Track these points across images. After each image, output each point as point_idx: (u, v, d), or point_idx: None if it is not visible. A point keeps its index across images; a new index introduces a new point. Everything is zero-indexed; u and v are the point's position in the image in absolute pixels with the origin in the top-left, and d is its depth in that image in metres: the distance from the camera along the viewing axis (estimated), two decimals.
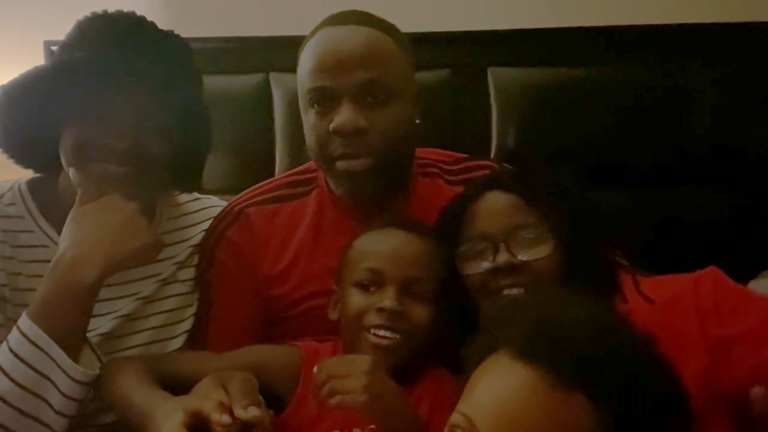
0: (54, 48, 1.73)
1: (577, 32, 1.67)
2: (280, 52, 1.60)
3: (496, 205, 0.91)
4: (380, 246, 0.93)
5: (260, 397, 0.81)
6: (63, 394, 0.85)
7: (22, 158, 1.04)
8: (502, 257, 0.87)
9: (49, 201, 1.03)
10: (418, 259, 0.91)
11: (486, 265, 0.88)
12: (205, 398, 0.78)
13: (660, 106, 1.65)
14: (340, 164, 1.00)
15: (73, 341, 0.86)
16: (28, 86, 0.95)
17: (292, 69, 1.09)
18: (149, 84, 0.95)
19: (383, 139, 0.98)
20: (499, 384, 0.60)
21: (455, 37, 1.65)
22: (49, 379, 0.84)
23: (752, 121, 1.63)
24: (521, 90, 1.64)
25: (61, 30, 1.79)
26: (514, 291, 0.86)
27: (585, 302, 0.66)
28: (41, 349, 0.84)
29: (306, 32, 1.09)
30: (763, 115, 1.62)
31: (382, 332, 0.88)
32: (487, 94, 1.65)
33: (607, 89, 1.64)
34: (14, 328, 0.86)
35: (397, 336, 0.88)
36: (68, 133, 0.96)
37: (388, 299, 0.88)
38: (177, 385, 0.85)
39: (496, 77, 1.66)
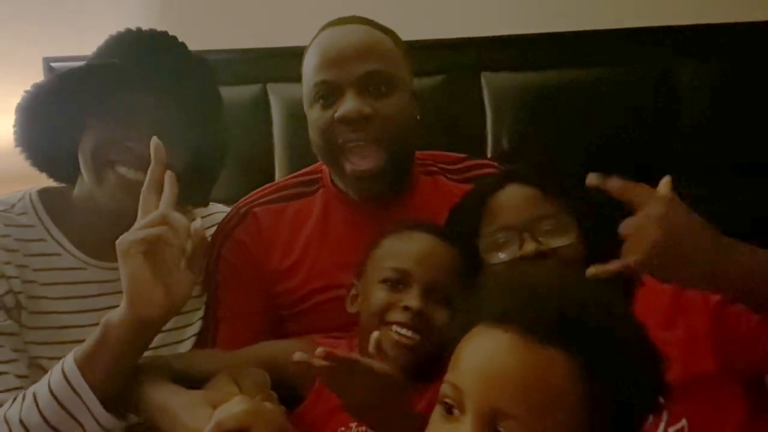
0: (53, 65, 1.75)
1: (569, 36, 1.69)
2: (278, 63, 1.63)
3: (516, 198, 0.93)
4: (409, 247, 0.95)
5: (273, 393, 0.83)
6: None
7: (41, 161, 1.06)
8: (530, 246, 0.89)
9: (60, 210, 1.05)
10: (443, 264, 0.93)
11: (512, 253, 0.90)
12: (225, 394, 0.79)
13: (651, 107, 1.67)
14: (348, 165, 1.03)
15: (110, 390, 0.86)
16: (57, 87, 0.98)
17: (291, 80, 1.12)
18: (174, 94, 0.98)
19: (388, 126, 1.02)
20: (480, 350, 0.63)
21: (448, 44, 1.68)
22: (77, 421, 0.84)
23: (741, 120, 1.65)
24: (515, 94, 1.66)
25: (60, 47, 1.82)
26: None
27: (562, 271, 0.71)
28: (77, 393, 0.84)
29: (304, 43, 1.12)
30: (755, 116, 1.64)
31: (404, 330, 0.89)
32: (482, 99, 1.67)
33: (599, 91, 1.66)
34: (58, 364, 0.86)
35: (418, 336, 0.89)
36: (90, 135, 0.99)
37: (414, 299, 0.90)
38: (190, 384, 0.86)
39: (489, 82, 1.68)
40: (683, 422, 0.81)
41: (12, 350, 0.94)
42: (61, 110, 0.99)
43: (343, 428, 0.86)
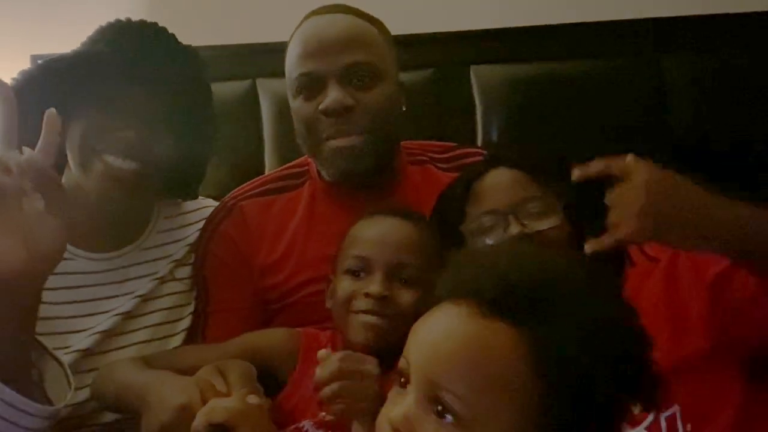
0: (40, 62, 1.74)
1: (557, 29, 1.70)
2: (267, 58, 1.61)
3: (501, 181, 0.93)
4: (368, 233, 0.94)
5: (259, 386, 0.83)
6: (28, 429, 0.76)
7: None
8: (514, 229, 0.88)
9: None
10: (405, 245, 0.92)
11: (498, 237, 0.89)
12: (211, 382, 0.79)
13: (640, 100, 1.68)
14: (331, 143, 1.02)
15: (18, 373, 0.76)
16: (43, 75, 0.97)
17: (279, 75, 1.12)
18: (162, 85, 0.98)
19: (371, 116, 1.01)
20: (427, 323, 0.62)
21: (437, 38, 1.68)
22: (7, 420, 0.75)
23: (732, 114, 1.66)
24: (504, 87, 1.66)
25: (47, 44, 1.81)
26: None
27: (538, 249, 0.69)
28: None
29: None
30: (743, 108, 1.66)
31: (367, 317, 0.89)
32: (471, 92, 1.67)
33: (588, 84, 1.66)
34: None
35: (384, 321, 0.89)
36: (76, 124, 0.98)
37: (375, 284, 0.89)
38: None
39: (478, 75, 1.68)
40: (675, 408, 0.80)
41: None
42: (47, 99, 0.98)
43: (323, 413, 0.85)
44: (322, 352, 0.80)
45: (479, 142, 1.66)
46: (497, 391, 0.57)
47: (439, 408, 0.58)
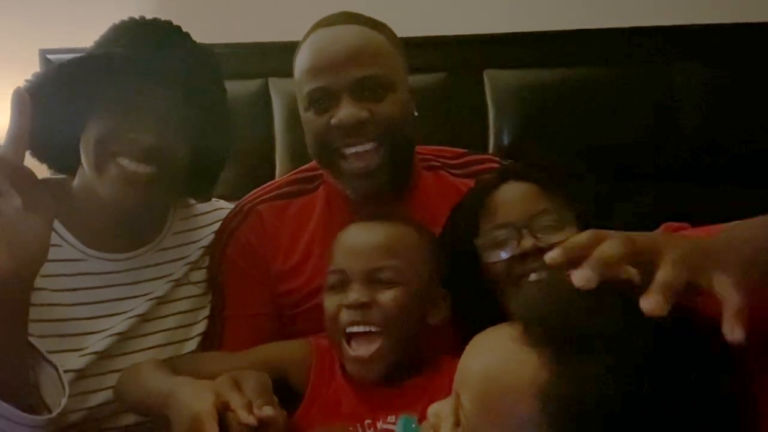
0: (50, 57, 1.74)
1: (570, 34, 1.70)
2: (279, 57, 1.59)
3: (514, 195, 0.92)
4: (343, 244, 0.93)
5: (274, 397, 0.81)
6: None
7: (42, 151, 1.04)
8: (528, 242, 0.87)
9: (59, 201, 1.00)
10: (380, 248, 0.90)
11: (512, 251, 0.88)
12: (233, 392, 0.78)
13: (651, 106, 1.67)
14: (346, 165, 1.01)
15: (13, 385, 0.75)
16: (59, 76, 0.96)
17: (291, 74, 1.10)
18: (179, 86, 0.96)
19: (385, 125, 1.00)
20: (478, 336, 0.64)
21: (451, 41, 1.68)
22: None
23: (739, 121, 1.65)
24: (517, 91, 1.66)
25: (57, 39, 1.81)
26: (542, 275, 0.85)
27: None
28: None
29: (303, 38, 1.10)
30: (750, 115, 1.65)
31: (355, 328, 0.87)
32: (484, 96, 1.67)
33: (599, 89, 1.66)
34: None
35: (372, 329, 0.87)
36: (93, 125, 0.97)
37: (352, 293, 0.88)
38: None
39: (491, 79, 1.68)
40: None
41: None
42: (62, 100, 0.97)
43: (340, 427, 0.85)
44: None
45: (491, 146, 1.66)
46: (499, 423, 0.57)
47: (456, 421, 0.61)
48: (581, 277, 0.56)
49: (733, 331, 0.55)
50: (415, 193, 1.11)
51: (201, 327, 1.08)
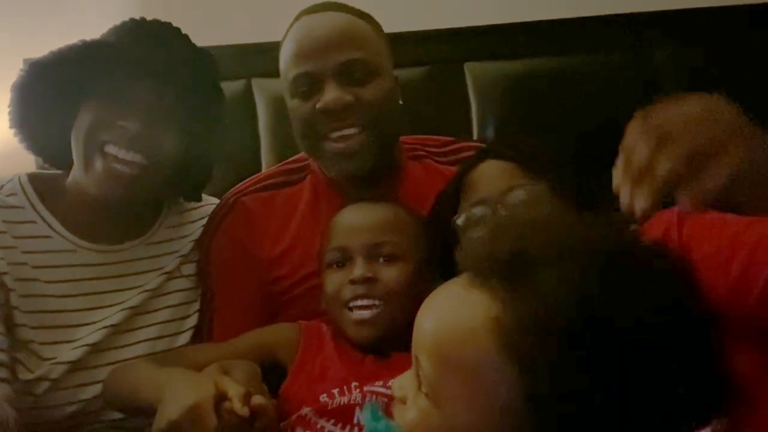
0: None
1: (550, 24, 1.71)
2: (262, 58, 1.62)
3: (490, 172, 0.93)
4: (342, 223, 0.95)
5: (264, 386, 0.83)
6: None
7: (35, 143, 1.04)
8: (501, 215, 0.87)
9: (51, 193, 1.03)
10: (379, 225, 0.93)
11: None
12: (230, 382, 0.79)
13: (633, 93, 1.68)
14: (331, 144, 1.02)
15: None
16: (54, 63, 0.96)
17: (275, 74, 1.11)
18: (172, 81, 0.97)
19: (370, 111, 1.01)
20: (429, 298, 0.62)
21: (431, 35, 1.69)
22: None
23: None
24: (498, 83, 1.67)
25: (41, 48, 1.80)
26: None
27: (532, 212, 0.64)
28: None
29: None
30: (732, 99, 1.66)
31: (359, 302, 0.89)
32: (465, 89, 1.68)
33: (581, 78, 1.67)
34: None
35: (375, 302, 0.89)
36: (84, 115, 0.97)
37: (356, 269, 0.90)
38: None
39: (472, 72, 1.69)
40: None
41: None
42: (55, 90, 0.98)
43: (325, 395, 0.86)
44: None
45: (475, 137, 1.67)
46: (460, 374, 0.55)
47: (418, 384, 0.58)
48: (640, 208, 0.53)
49: (683, 201, 0.53)
50: (401, 182, 1.12)
51: (193, 320, 1.08)
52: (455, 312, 0.57)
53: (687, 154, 0.54)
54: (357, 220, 0.94)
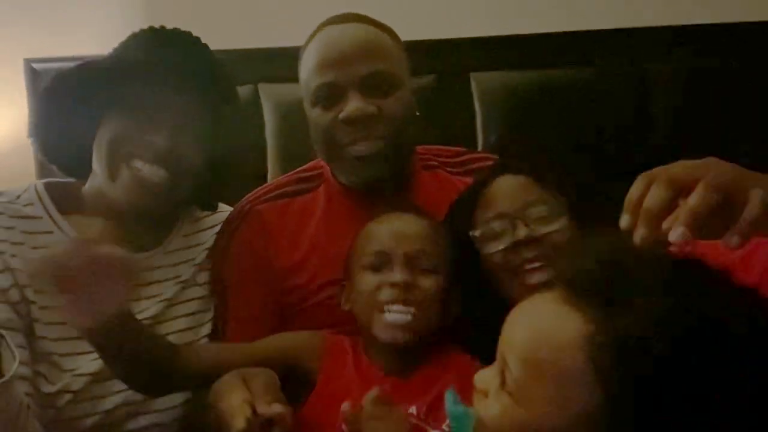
0: (35, 66, 1.73)
1: (554, 37, 1.72)
2: (269, 63, 1.62)
3: (508, 187, 0.95)
4: (383, 229, 0.96)
5: (282, 394, 0.82)
6: None
7: (55, 153, 1.04)
8: (522, 232, 0.90)
9: (68, 202, 1.03)
10: (419, 235, 0.94)
11: (506, 241, 0.91)
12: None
13: (635, 105, 1.70)
14: (351, 150, 1.02)
15: None
16: (78, 77, 0.96)
17: (282, 80, 1.12)
18: (196, 93, 0.97)
19: (392, 123, 1.02)
20: (522, 304, 0.67)
21: (439, 45, 1.70)
22: None
23: (713, 120, 1.68)
24: (504, 94, 1.69)
25: (41, 48, 1.79)
26: (536, 265, 0.89)
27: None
28: None
29: (294, 43, 1.12)
30: (724, 114, 1.68)
31: (395, 307, 0.90)
32: (471, 99, 1.69)
33: (583, 89, 1.69)
34: None
35: (411, 309, 0.90)
36: (107, 127, 0.97)
37: (398, 274, 0.91)
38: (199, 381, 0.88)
39: (479, 82, 1.70)
40: None
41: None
42: (78, 101, 0.97)
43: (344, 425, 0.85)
44: (345, 407, 0.78)
45: (480, 147, 1.68)
46: (548, 381, 0.60)
47: (502, 381, 0.64)
48: (636, 237, 0.58)
49: (732, 237, 0.56)
50: (413, 191, 1.12)
51: (208, 328, 1.08)
52: (550, 325, 0.62)
53: (714, 186, 0.57)
54: (400, 228, 0.95)
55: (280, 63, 1.13)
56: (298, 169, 1.19)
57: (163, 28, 1.01)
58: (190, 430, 0.97)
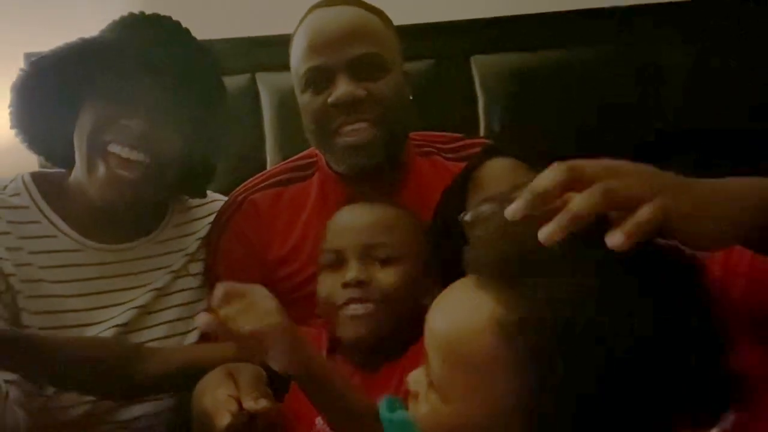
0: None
1: (555, 16, 1.70)
2: (267, 51, 1.61)
3: (497, 170, 0.93)
4: (335, 225, 0.94)
5: (268, 389, 0.82)
6: None
7: (38, 142, 1.03)
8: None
9: (55, 192, 1.02)
10: (374, 226, 0.91)
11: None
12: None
13: (637, 85, 1.68)
14: (342, 138, 1.01)
15: None
16: (54, 62, 0.95)
17: (279, 68, 1.11)
18: (174, 77, 0.96)
19: (381, 106, 1.01)
20: (438, 298, 0.63)
21: (437, 28, 1.67)
22: None
23: (724, 98, 1.66)
24: (505, 76, 1.67)
25: (42, 42, 1.79)
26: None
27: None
28: None
29: (291, 31, 1.10)
30: (734, 92, 1.66)
31: (352, 306, 0.87)
32: (472, 82, 1.67)
33: (587, 70, 1.67)
34: None
35: (370, 306, 0.87)
36: (86, 114, 0.96)
37: (350, 271, 0.88)
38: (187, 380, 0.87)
39: (479, 65, 1.68)
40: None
41: None
42: (55, 89, 0.97)
43: (319, 420, 0.85)
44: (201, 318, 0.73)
45: (482, 132, 1.66)
46: (466, 373, 0.57)
47: (430, 380, 0.60)
48: (544, 234, 0.53)
49: (614, 235, 0.52)
50: (409, 179, 1.11)
51: None
52: (463, 312, 0.59)
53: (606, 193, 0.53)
54: (351, 221, 0.93)
55: (277, 51, 1.12)
56: (293, 157, 1.19)
57: (142, 14, 1.00)
58: (182, 419, 0.97)
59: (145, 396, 0.98)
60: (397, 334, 0.89)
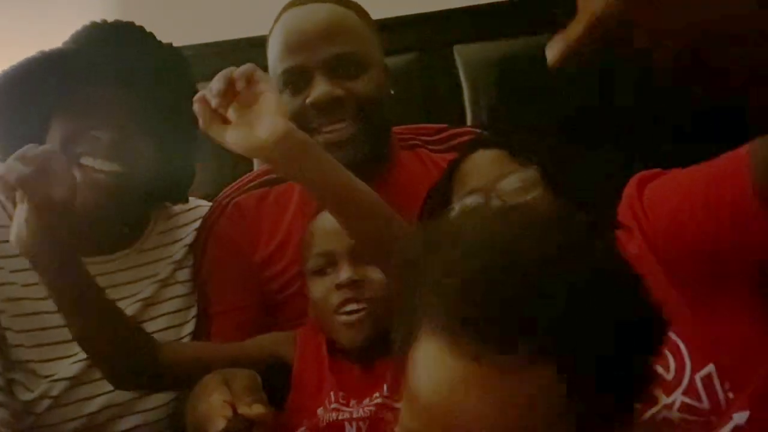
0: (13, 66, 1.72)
1: (538, 1, 1.69)
2: (249, 53, 1.59)
3: (482, 162, 0.92)
4: (322, 228, 0.93)
5: (263, 395, 0.82)
6: None
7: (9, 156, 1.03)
8: (496, 203, 0.84)
9: None
10: None
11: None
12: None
13: (620, 68, 1.67)
14: (321, 137, 1.00)
15: None
16: (17, 77, 0.95)
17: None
18: (138, 85, 0.96)
19: (360, 104, 1.00)
20: (433, 380, 0.52)
21: (418, 19, 1.66)
22: None
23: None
24: (489, 64, 1.65)
25: (41, 39, 1.77)
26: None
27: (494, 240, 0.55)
28: None
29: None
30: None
31: (348, 308, 0.88)
32: (456, 72, 1.66)
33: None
34: None
35: (364, 305, 0.88)
36: (55, 127, 0.96)
37: (343, 273, 0.88)
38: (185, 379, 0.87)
39: (462, 54, 1.67)
40: (710, 367, 0.72)
41: None
42: (22, 104, 0.96)
43: (321, 409, 0.87)
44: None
45: (469, 122, 1.65)
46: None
47: None
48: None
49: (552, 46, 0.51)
50: (394, 173, 1.10)
51: (191, 326, 1.07)
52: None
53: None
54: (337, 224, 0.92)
55: (260, 52, 1.11)
56: None
57: (104, 21, 1.00)
58: (177, 429, 0.97)
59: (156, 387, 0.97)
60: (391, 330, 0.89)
